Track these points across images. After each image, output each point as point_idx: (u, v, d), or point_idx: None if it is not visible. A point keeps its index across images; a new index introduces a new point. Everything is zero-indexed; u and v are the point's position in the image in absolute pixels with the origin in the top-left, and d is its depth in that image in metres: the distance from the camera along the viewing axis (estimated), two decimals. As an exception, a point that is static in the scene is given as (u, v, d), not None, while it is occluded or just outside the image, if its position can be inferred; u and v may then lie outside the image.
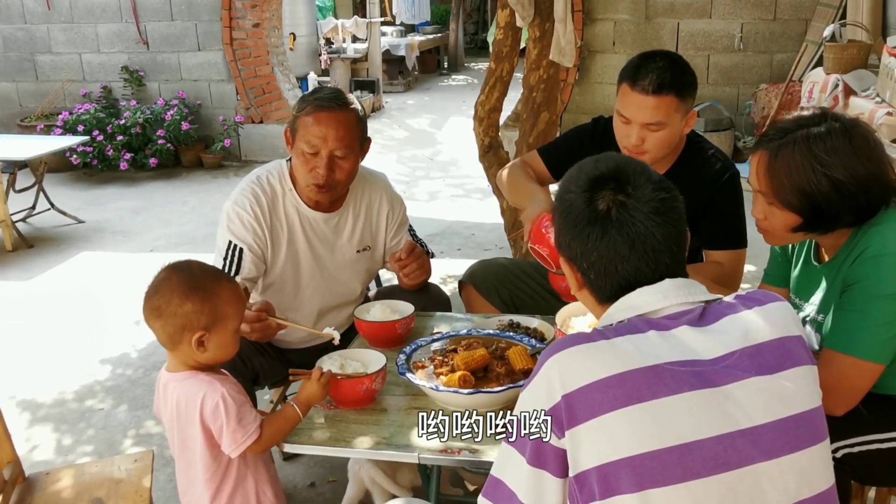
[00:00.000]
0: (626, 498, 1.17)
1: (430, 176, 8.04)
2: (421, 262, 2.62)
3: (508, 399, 1.97)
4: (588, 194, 1.39)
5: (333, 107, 2.40)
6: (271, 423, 1.89)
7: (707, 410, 1.21)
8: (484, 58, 18.76)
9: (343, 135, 2.41)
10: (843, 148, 1.75)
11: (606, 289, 1.38)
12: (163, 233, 6.22)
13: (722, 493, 1.19)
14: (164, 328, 1.84)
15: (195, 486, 1.95)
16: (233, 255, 2.48)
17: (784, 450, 1.24)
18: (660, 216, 1.35)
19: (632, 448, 1.18)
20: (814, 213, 1.80)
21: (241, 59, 8.30)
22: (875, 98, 5.19)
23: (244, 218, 2.50)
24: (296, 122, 2.44)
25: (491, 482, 1.35)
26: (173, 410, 1.90)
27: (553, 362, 1.26)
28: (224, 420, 1.82)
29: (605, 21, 7.60)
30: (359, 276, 2.75)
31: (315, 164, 2.42)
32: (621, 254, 1.34)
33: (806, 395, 1.30)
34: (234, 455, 1.86)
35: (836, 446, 1.82)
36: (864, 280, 1.78)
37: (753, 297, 1.38)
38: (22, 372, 3.95)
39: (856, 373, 1.77)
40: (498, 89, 4.44)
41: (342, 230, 2.66)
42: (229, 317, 1.87)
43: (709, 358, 1.26)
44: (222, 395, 1.83)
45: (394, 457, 1.89)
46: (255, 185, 2.55)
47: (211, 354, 1.86)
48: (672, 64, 2.40)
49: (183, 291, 1.82)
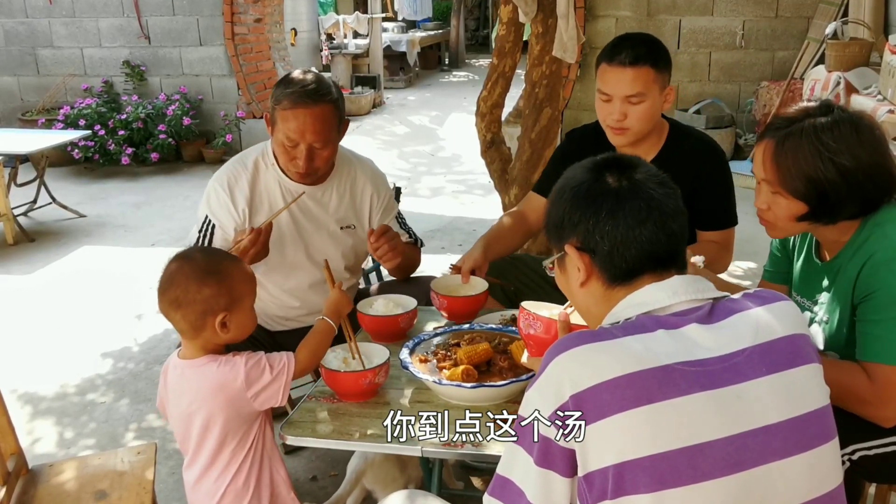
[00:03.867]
0: (638, 498, 1.16)
1: (432, 172, 8.04)
2: (393, 245, 2.52)
3: (511, 393, 1.98)
4: (595, 173, 1.41)
5: (309, 102, 2.42)
6: (305, 343, 2.00)
7: (718, 411, 1.20)
8: (485, 54, 18.75)
9: (320, 128, 2.45)
10: (850, 137, 1.75)
11: (621, 262, 1.36)
12: (164, 227, 6.22)
13: (734, 494, 1.19)
14: (185, 317, 1.86)
15: (209, 473, 1.95)
16: (206, 228, 2.61)
17: (795, 449, 1.23)
18: (667, 188, 1.39)
19: (643, 449, 1.17)
20: (819, 202, 1.79)
21: (242, 55, 8.29)
22: (877, 96, 5.19)
23: (220, 196, 2.60)
24: (274, 112, 2.48)
25: (497, 481, 1.33)
26: (194, 394, 1.91)
27: (560, 361, 1.24)
28: (260, 372, 1.88)
29: (607, 18, 7.60)
30: (344, 254, 2.76)
31: (295, 155, 2.49)
32: (639, 218, 1.34)
33: (815, 394, 1.29)
34: (281, 398, 1.91)
35: (853, 448, 1.81)
36: (884, 287, 1.75)
37: (761, 295, 1.38)
38: (23, 365, 3.96)
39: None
40: (500, 85, 4.44)
41: (326, 205, 2.69)
42: (246, 294, 1.92)
43: (719, 355, 1.25)
44: (245, 360, 1.88)
45: (396, 450, 1.90)
46: (237, 163, 2.66)
47: (233, 334, 1.89)
48: (645, 40, 2.51)
49: (198, 277, 1.84)
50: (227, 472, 1.94)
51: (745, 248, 5.09)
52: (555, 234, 1.46)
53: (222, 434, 1.91)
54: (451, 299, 2.44)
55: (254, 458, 1.96)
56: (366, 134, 9.87)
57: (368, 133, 9.96)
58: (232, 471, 1.94)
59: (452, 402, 2.01)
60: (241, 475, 1.94)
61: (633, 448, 1.17)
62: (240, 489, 1.94)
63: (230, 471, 1.94)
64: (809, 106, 1.84)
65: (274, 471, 2.01)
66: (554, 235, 1.47)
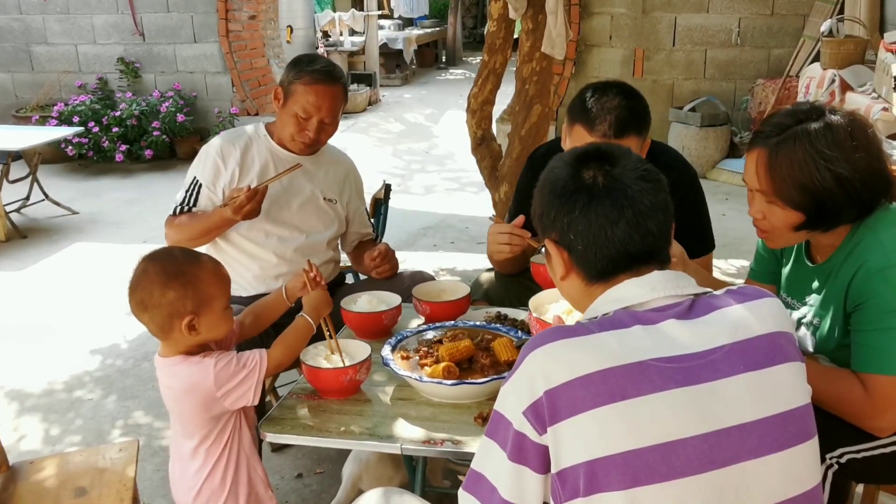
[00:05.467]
0: (611, 496, 1.15)
1: (426, 169, 8.03)
2: (392, 266, 2.82)
3: (492, 390, 1.96)
4: (573, 168, 1.39)
5: (329, 80, 2.66)
6: (281, 339, 1.99)
7: (693, 408, 1.19)
8: (482, 52, 18.73)
9: (333, 105, 2.69)
10: (844, 142, 1.71)
11: (595, 262, 1.35)
12: (157, 224, 6.10)
13: (707, 492, 1.17)
14: (152, 320, 1.84)
15: (188, 468, 1.95)
16: (192, 189, 2.73)
17: (772, 448, 1.22)
18: (647, 182, 1.35)
19: (616, 446, 1.16)
20: (817, 211, 1.76)
21: (237, 52, 8.28)
22: (871, 94, 5.18)
23: (211, 157, 2.73)
24: (291, 86, 2.67)
25: (472, 476, 1.33)
26: (170, 392, 1.91)
27: (535, 357, 1.23)
28: (231, 373, 1.86)
29: (602, 15, 7.59)
30: (326, 224, 2.87)
31: (305, 127, 2.68)
32: (610, 218, 1.32)
33: (794, 393, 1.27)
34: (252, 397, 1.88)
35: (842, 452, 1.80)
36: (877, 296, 1.73)
37: (744, 291, 1.36)
38: (12, 362, 3.94)
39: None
40: (491, 81, 4.42)
41: (313, 175, 2.83)
42: (215, 297, 1.87)
43: (695, 352, 1.24)
44: (215, 362, 1.85)
45: (377, 447, 1.88)
46: (229, 133, 2.84)
47: (204, 336, 1.87)
48: (627, 99, 2.27)
49: (162, 280, 1.81)
50: (203, 469, 1.93)
51: (740, 246, 5.09)
52: (539, 225, 1.47)
53: (197, 432, 1.91)
54: (434, 305, 2.42)
55: (229, 457, 1.94)
56: (361, 131, 9.85)
57: (363, 130, 9.94)
58: (208, 468, 1.93)
59: (434, 399, 2.00)
60: (216, 473, 1.93)
61: (606, 445, 1.16)
62: (216, 487, 1.93)
63: (206, 468, 1.93)
64: (799, 109, 1.80)
65: (252, 469, 1.99)
66: (538, 226, 1.47)
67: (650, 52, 7.63)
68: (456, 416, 1.92)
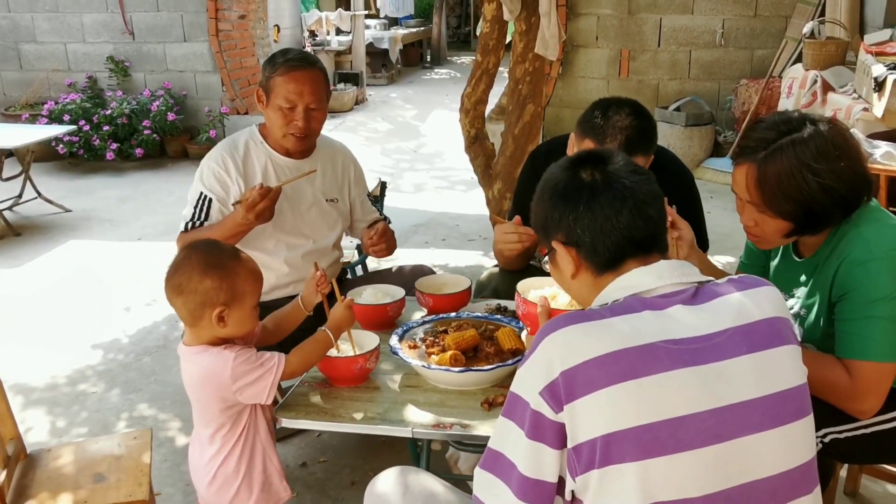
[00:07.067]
0: (624, 467, 1.24)
1: (415, 168, 8.10)
2: (389, 245, 2.86)
3: (497, 377, 2.06)
4: (570, 171, 1.51)
5: (304, 65, 2.69)
6: (300, 349, 2.02)
7: (700, 386, 1.29)
8: (467, 52, 18.81)
9: (315, 89, 2.69)
10: (828, 152, 1.81)
11: (604, 251, 1.45)
12: (149, 221, 6.25)
13: (714, 463, 1.27)
14: (185, 304, 1.92)
15: (205, 453, 2.02)
16: (202, 203, 2.73)
17: (772, 424, 1.32)
18: (640, 175, 1.49)
19: (629, 421, 1.25)
20: (806, 218, 1.87)
21: (226, 51, 8.32)
22: (852, 94, 5.30)
23: (215, 171, 2.74)
24: (269, 81, 2.69)
25: (489, 454, 1.40)
26: (189, 380, 1.99)
27: (551, 340, 1.32)
28: (248, 369, 1.91)
29: (589, 16, 7.70)
30: (331, 226, 2.94)
31: (292, 118, 2.69)
32: (614, 207, 1.44)
33: (792, 373, 1.38)
34: (266, 397, 1.93)
35: (825, 432, 1.90)
36: (859, 287, 1.83)
37: (744, 280, 1.46)
38: (13, 357, 3.99)
39: (880, 376, 1.83)
40: (484, 81, 4.52)
41: (312, 178, 2.84)
42: (247, 293, 1.94)
43: (701, 335, 1.33)
44: (234, 355, 1.91)
45: (388, 431, 1.97)
46: (227, 143, 2.83)
47: (230, 329, 1.93)
48: (638, 120, 2.32)
49: (202, 269, 1.90)
50: (219, 456, 2.00)
51: (725, 242, 5.20)
52: (542, 232, 1.57)
53: (214, 420, 1.98)
54: (437, 297, 2.52)
55: (244, 446, 2.01)
56: (348, 130, 9.90)
57: (351, 129, 9.99)
58: (223, 455, 2.00)
59: (441, 386, 2.09)
60: (231, 460, 2.00)
61: (619, 420, 1.25)
62: (230, 474, 2.00)
63: (221, 455, 2.00)
64: (781, 121, 1.89)
65: (267, 459, 2.05)
66: (542, 234, 1.58)
67: (636, 53, 7.75)
68: (462, 402, 2.02)
